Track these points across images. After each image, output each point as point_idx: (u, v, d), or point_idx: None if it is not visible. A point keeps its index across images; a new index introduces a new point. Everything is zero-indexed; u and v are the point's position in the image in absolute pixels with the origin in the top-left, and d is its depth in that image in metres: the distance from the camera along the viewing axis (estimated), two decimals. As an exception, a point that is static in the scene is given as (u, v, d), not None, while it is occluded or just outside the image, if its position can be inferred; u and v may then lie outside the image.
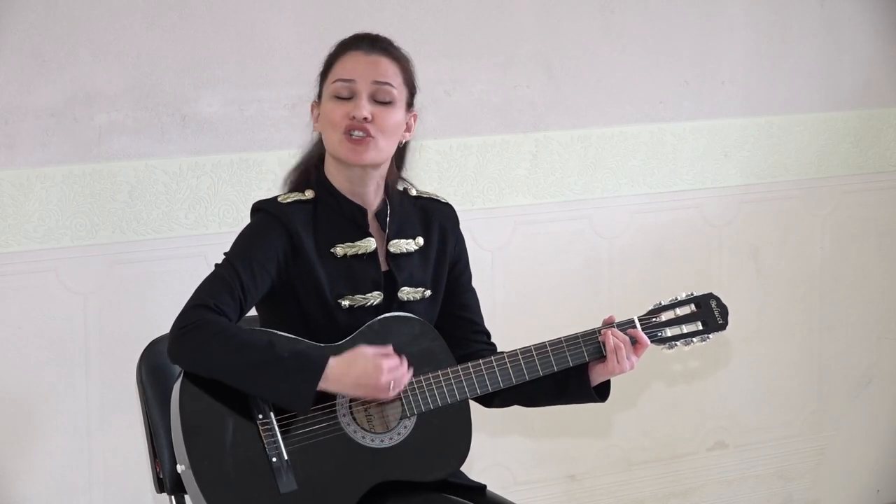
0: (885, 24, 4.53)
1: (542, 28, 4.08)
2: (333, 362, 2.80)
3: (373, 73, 2.92)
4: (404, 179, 3.07)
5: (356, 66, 2.92)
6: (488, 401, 3.08)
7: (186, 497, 2.94)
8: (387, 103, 2.92)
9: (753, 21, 4.36)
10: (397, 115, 2.93)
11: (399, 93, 2.94)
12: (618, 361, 2.96)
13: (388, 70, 2.94)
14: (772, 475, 4.61)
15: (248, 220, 3.02)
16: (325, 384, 2.80)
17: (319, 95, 2.99)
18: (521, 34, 4.06)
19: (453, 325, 3.06)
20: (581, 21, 4.13)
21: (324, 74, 2.98)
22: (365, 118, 2.88)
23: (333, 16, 3.81)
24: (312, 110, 3.01)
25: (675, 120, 4.29)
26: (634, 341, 2.99)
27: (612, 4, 4.16)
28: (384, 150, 2.93)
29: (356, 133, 2.90)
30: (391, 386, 2.81)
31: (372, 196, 2.99)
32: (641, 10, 4.20)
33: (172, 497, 3.03)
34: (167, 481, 3.03)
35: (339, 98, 2.92)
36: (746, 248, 4.47)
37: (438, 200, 3.09)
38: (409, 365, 2.87)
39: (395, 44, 2.99)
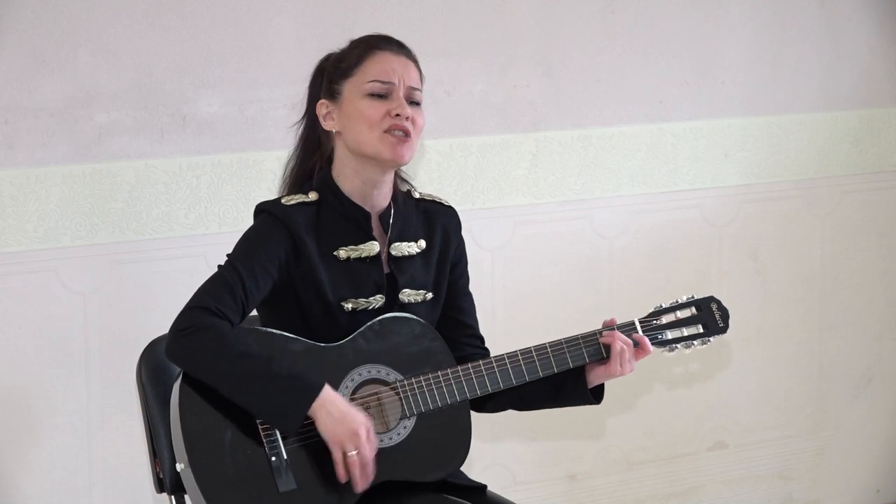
0: (885, 24, 4.53)
1: (542, 28, 4.08)
2: (328, 390, 2.79)
3: (407, 77, 2.94)
4: (406, 181, 3.07)
5: (394, 68, 2.93)
6: (481, 405, 3.07)
7: (186, 497, 2.94)
8: (417, 104, 2.95)
9: (753, 21, 4.36)
10: (423, 118, 2.96)
11: (422, 95, 2.98)
12: (621, 365, 2.96)
13: (416, 74, 2.97)
14: (772, 475, 4.61)
15: (248, 220, 3.02)
16: (314, 409, 2.77)
17: (331, 93, 2.97)
18: (521, 34, 4.06)
19: (447, 328, 3.05)
20: (581, 21, 4.13)
21: (345, 72, 2.96)
22: (408, 117, 2.90)
23: (333, 16, 3.81)
24: (320, 109, 3.00)
25: (675, 120, 4.29)
26: (636, 344, 2.99)
27: (612, 4, 4.16)
28: (415, 150, 2.95)
29: (397, 132, 2.90)
30: (356, 449, 2.76)
31: (382, 199, 2.99)
32: (641, 10, 4.20)
33: (172, 497, 3.03)
34: (167, 481, 3.03)
35: (374, 96, 2.92)
36: (746, 248, 4.47)
37: (441, 203, 3.09)
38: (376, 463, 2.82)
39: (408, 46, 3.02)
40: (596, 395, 3.03)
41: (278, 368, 2.78)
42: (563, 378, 3.00)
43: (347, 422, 2.77)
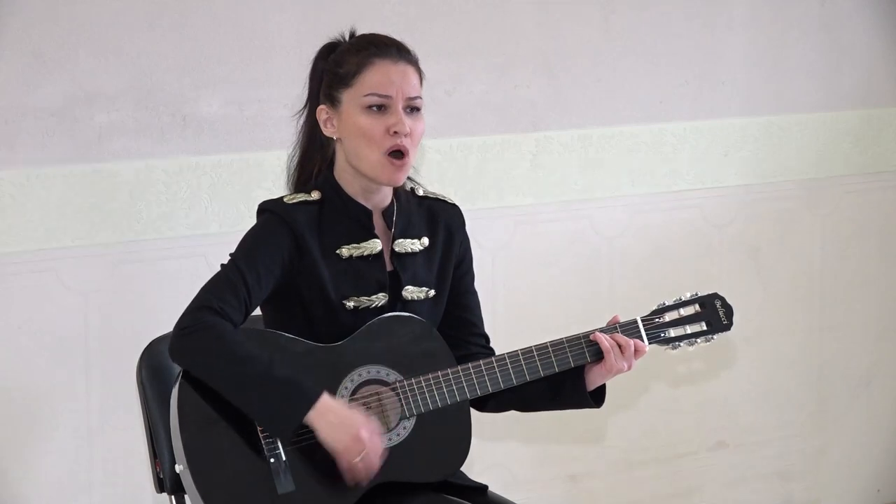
0: (885, 24, 4.53)
1: (542, 28, 4.08)
2: (326, 398, 2.78)
3: (406, 87, 2.89)
4: (413, 180, 3.07)
5: (391, 80, 2.89)
6: (482, 404, 3.06)
7: (186, 497, 2.94)
8: (417, 110, 2.92)
9: (753, 21, 4.36)
10: (423, 122, 2.94)
11: (422, 100, 2.95)
12: (615, 360, 2.95)
13: (415, 80, 2.93)
14: (772, 475, 4.61)
15: (248, 220, 3.02)
16: (312, 419, 2.76)
17: (331, 99, 2.95)
18: (521, 34, 4.06)
19: (451, 326, 3.05)
20: (581, 21, 4.13)
21: (343, 80, 2.92)
22: (406, 133, 2.88)
23: (333, 16, 3.81)
24: (320, 114, 2.98)
25: (675, 120, 4.29)
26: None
27: (612, 4, 4.16)
28: (413, 162, 2.94)
29: (398, 154, 2.88)
30: (361, 454, 2.76)
31: (384, 197, 2.99)
32: (641, 10, 4.20)
33: (172, 497, 3.03)
34: (167, 481, 3.03)
35: (371, 109, 2.90)
36: (746, 248, 4.47)
37: (445, 201, 3.09)
38: (383, 461, 2.81)
39: (408, 45, 2.98)
40: (597, 398, 3.03)
41: (278, 373, 2.77)
42: (563, 380, 2.99)
43: (347, 427, 2.76)
